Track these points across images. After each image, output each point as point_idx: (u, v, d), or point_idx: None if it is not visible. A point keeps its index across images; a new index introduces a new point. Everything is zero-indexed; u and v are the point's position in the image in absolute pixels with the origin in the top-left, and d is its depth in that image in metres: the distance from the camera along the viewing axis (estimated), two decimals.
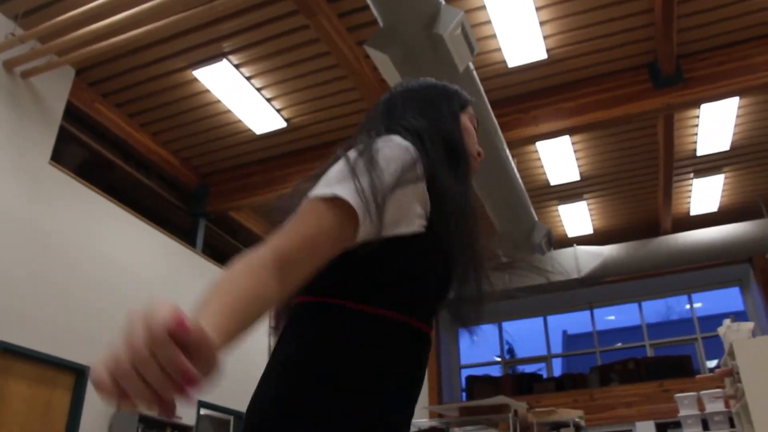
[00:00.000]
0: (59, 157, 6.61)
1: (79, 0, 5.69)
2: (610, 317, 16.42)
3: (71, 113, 6.88)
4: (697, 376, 7.37)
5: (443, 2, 4.55)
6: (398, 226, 1.01)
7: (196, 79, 6.90)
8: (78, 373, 5.99)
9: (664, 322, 16.98)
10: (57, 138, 6.40)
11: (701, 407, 7.32)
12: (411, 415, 1.09)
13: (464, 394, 11.80)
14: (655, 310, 15.67)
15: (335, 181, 0.96)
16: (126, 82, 7.01)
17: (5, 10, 5.94)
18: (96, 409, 6.07)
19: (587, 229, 10.35)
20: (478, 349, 14.09)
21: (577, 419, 7.82)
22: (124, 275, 6.77)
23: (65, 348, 5.86)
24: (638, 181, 9.07)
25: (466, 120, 1.29)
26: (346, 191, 0.94)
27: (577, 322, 13.93)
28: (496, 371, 12.75)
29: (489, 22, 6.15)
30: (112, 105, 7.34)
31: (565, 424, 7.74)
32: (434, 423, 7.17)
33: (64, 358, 5.83)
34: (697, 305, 11.74)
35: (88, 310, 6.20)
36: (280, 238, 0.90)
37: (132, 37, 5.71)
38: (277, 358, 1.04)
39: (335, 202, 0.93)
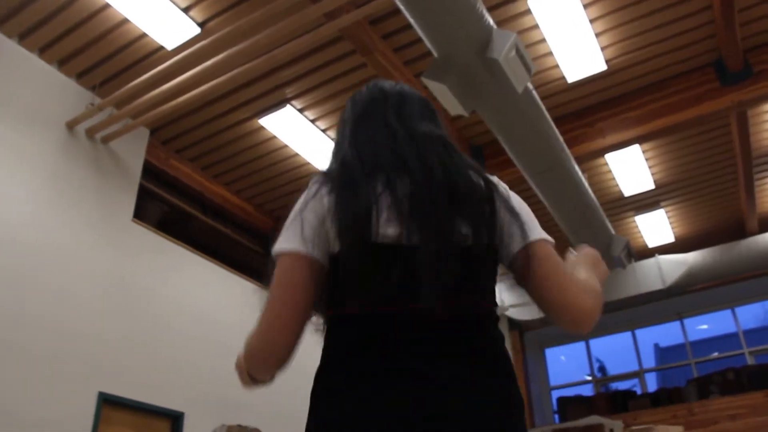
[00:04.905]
0: (141, 213, 6.94)
1: (148, 64, 6.03)
2: (703, 326, 15.72)
3: (149, 171, 7.23)
4: None
5: (495, 26, 4.58)
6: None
7: (262, 127, 7.14)
8: (173, 419, 6.19)
9: (762, 328, 16.11)
10: (137, 196, 6.73)
11: None
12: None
13: (557, 417, 11.50)
14: (750, 315, 14.88)
15: None
16: (197, 137, 7.32)
17: (84, 82, 6.34)
18: None
19: (668, 238, 10.01)
20: (568, 368, 13.76)
21: None
22: (207, 321, 6.98)
23: (159, 395, 6.08)
24: (717, 182, 8.75)
25: None
26: None
27: (668, 334, 13.42)
28: (587, 390, 12.39)
29: (543, 40, 6.13)
30: (185, 160, 7.67)
31: None
32: None
33: (159, 405, 6.05)
34: None
35: (176, 357, 6.43)
36: None
37: (199, 94, 5.98)
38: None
39: None
